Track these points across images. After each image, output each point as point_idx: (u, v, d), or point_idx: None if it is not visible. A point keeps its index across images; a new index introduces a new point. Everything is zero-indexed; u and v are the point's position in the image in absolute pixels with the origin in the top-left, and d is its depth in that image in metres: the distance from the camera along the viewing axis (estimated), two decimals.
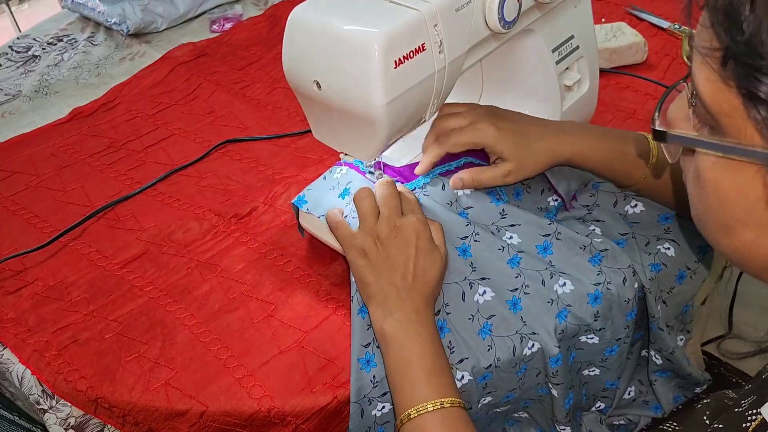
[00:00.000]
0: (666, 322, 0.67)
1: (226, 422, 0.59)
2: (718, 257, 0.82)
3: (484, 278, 0.64)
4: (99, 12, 1.24)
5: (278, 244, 0.74)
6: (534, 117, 0.69)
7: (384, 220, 0.60)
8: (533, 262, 0.64)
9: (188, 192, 0.83)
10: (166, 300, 0.69)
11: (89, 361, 0.63)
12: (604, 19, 1.09)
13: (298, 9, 0.57)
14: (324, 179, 0.71)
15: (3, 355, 0.66)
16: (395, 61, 0.53)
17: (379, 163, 0.68)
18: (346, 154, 0.69)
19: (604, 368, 0.68)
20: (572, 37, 0.75)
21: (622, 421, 0.74)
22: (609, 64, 0.98)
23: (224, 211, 0.79)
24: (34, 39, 1.26)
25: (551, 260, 0.65)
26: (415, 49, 0.54)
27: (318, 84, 0.57)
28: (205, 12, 1.29)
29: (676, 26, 1.06)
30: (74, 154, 0.93)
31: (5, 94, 1.10)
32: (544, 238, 0.66)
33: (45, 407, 0.62)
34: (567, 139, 0.66)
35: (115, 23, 1.21)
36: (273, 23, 1.22)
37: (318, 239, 0.70)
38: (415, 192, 0.68)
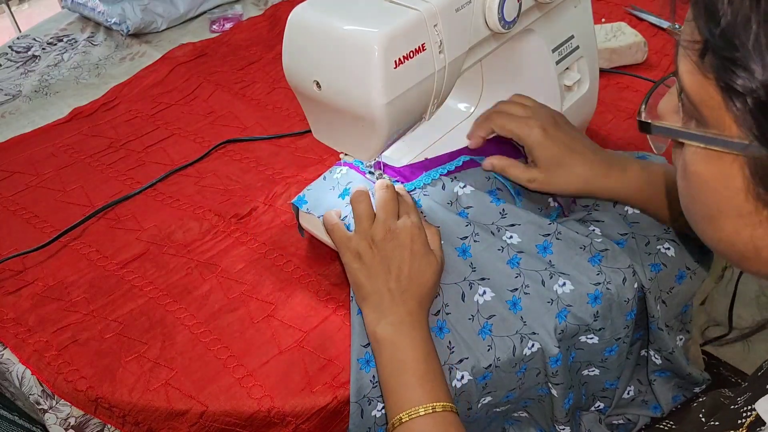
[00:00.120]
0: (666, 322, 0.67)
1: (226, 422, 0.59)
2: (719, 257, 0.82)
3: (483, 278, 0.64)
4: (99, 12, 1.24)
5: (278, 244, 0.74)
6: (592, 143, 0.68)
7: (379, 223, 0.60)
8: (533, 262, 0.64)
9: (188, 192, 0.83)
10: (166, 300, 0.69)
11: (89, 361, 0.63)
12: (604, 19, 1.09)
13: (298, 9, 0.57)
14: (324, 179, 0.71)
15: (3, 355, 0.66)
16: (395, 61, 0.53)
17: (379, 163, 0.68)
18: (346, 154, 0.69)
19: (604, 368, 0.68)
20: (572, 37, 0.75)
21: (621, 421, 0.74)
22: (609, 64, 0.98)
23: (224, 211, 0.79)
24: (34, 39, 1.26)
25: (551, 260, 0.65)
26: (415, 49, 0.54)
27: (318, 84, 0.57)
28: (205, 12, 1.29)
29: (676, 26, 1.05)
30: (74, 154, 0.93)
31: (5, 94, 1.10)
32: (544, 238, 0.66)
33: (45, 407, 0.62)
34: (611, 174, 0.66)
35: (115, 23, 1.21)
36: (273, 23, 1.22)
37: (318, 239, 0.70)
38: (415, 192, 0.68)
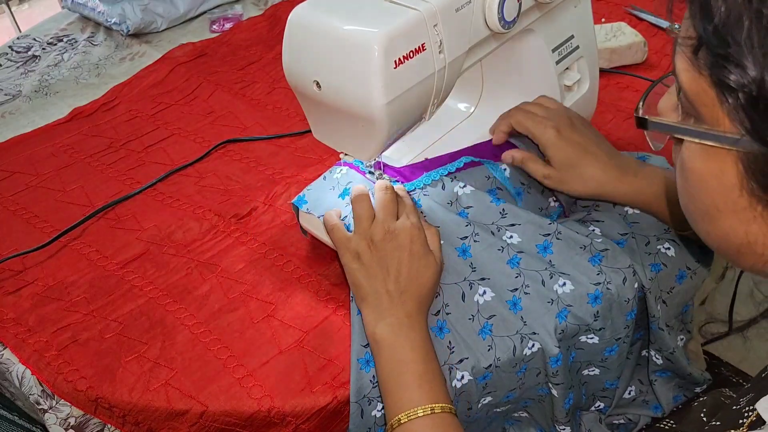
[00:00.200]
0: (666, 321, 0.67)
1: (226, 422, 0.59)
2: (719, 258, 0.82)
3: (483, 278, 0.64)
4: (99, 12, 1.24)
5: (278, 244, 0.74)
6: (610, 148, 0.69)
7: (378, 224, 0.60)
8: (533, 262, 0.64)
9: (188, 192, 0.83)
10: (166, 300, 0.69)
11: (89, 361, 0.63)
12: (604, 19, 1.09)
13: (298, 9, 0.57)
14: (324, 179, 0.71)
15: (3, 355, 0.66)
16: (395, 61, 0.53)
17: (379, 163, 0.68)
18: (346, 154, 0.69)
19: (604, 368, 0.68)
20: (572, 37, 0.75)
21: (622, 420, 0.74)
22: (609, 64, 0.98)
23: (224, 211, 0.79)
24: (34, 39, 1.26)
25: (551, 260, 0.65)
26: (415, 49, 0.54)
27: (318, 84, 0.57)
28: (205, 12, 1.29)
29: (676, 26, 1.05)
30: (74, 154, 0.93)
31: (5, 94, 1.10)
32: (544, 238, 0.66)
33: (45, 407, 0.62)
34: (625, 180, 0.66)
35: (115, 23, 1.21)
36: (273, 23, 1.22)
37: (318, 239, 0.70)
38: (415, 192, 0.68)
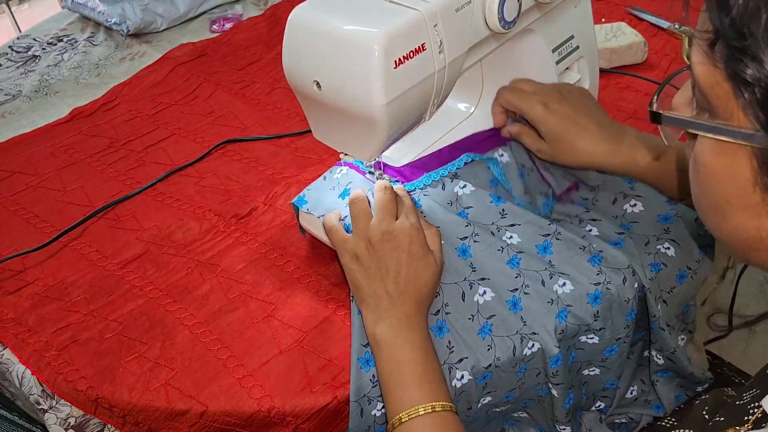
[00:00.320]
0: (667, 321, 0.67)
1: (226, 422, 0.59)
2: (720, 258, 0.82)
3: (483, 278, 0.64)
4: (99, 12, 1.24)
5: (278, 244, 0.74)
6: (603, 119, 0.68)
7: (377, 225, 0.60)
8: (533, 262, 0.64)
9: (188, 192, 0.83)
10: (166, 300, 0.69)
11: (89, 361, 0.63)
12: (604, 19, 1.09)
13: (298, 9, 0.57)
14: (324, 179, 0.71)
15: (3, 355, 0.66)
16: (395, 61, 0.53)
17: (379, 163, 0.68)
18: (346, 154, 0.69)
19: (604, 368, 0.68)
20: (572, 37, 0.75)
21: (624, 420, 0.74)
22: (609, 64, 0.98)
23: (224, 211, 0.79)
24: (34, 39, 1.26)
25: (551, 260, 0.65)
26: (415, 49, 0.54)
27: (318, 84, 0.57)
28: (205, 12, 1.29)
29: (676, 26, 1.05)
30: (74, 154, 0.93)
31: (5, 94, 1.10)
32: (544, 238, 0.66)
33: (45, 407, 0.62)
34: (619, 151, 0.66)
35: (115, 23, 1.21)
36: (273, 23, 1.22)
37: (318, 239, 0.70)
38: (415, 193, 0.68)
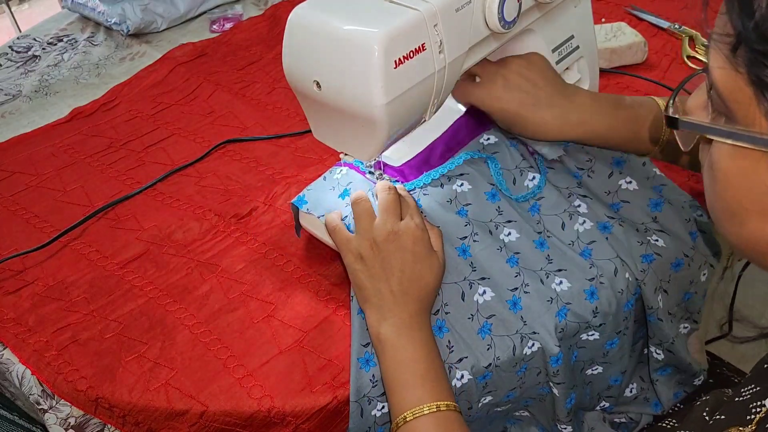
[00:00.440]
0: (668, 309, 0.68)
1: (226, 422, 0.59)
2: (721, 258, 0.81)
3: (484, 278, 0.64)
4: (99, 12, 1.24)
5: (278, 244, 0.74)
6: (542, 92, 0.66)
7: (382, 225, 0.60)
8: (531, 260, 0.65)
9: (188, 192, 0.83)
10: (166, 300, 0.69)
11: (89, 361, 0.63)
12: (604, 19, 1.09)
13: (298, 9, 0.57)
14: (324, 179, 0.71)
15: (3, 355, 0.66)
16: (395, 61, 0.53)
17: (379, 163, 0.68)
18: (346, 154, 0.69)
19: (607, 363, 0.68)
20: (572, 37, 0.75)
21: (623, 419, 0.74)
22: (609, 64, 0.98)
23: (224, 211, 0.79)
24: (34, 39, 1.26)
25: (549, 254, 0.65)
26: (415, 49, 0.54)
27: (318, 84, 0.57)
28: (205, 12, 1.29)
29: (676, 26, 1.05)
30: (74, 154, 0.93)
31: (5, 94, 1.10)
32: (539, 235, 0.66)
33: (45, 407, 0.62)
34: (570, 121, 0.66)
35: (115, 23, 1.21)
36: (273, 23, 1.22)
37: (318, 239, 0.70)
38: (415, 192, 0.68)
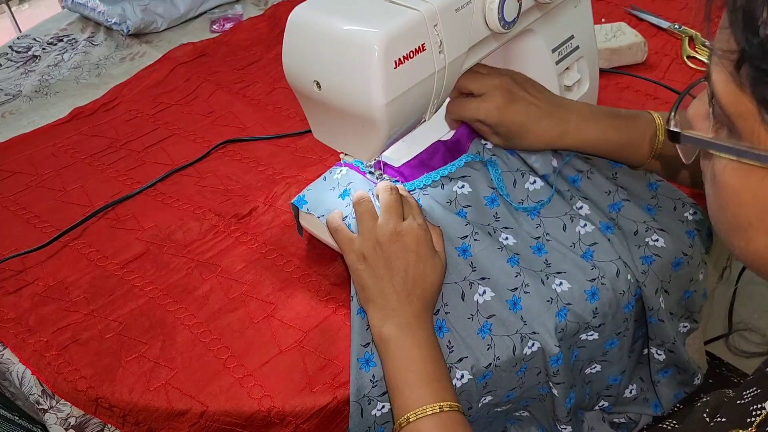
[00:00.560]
0: (669, 310, 0.68)
1: (226, 422, 0.59)
2: (719, 258, 0.82)
3: (484, 278, 0.64)
4: (99, 12, 1.24)
5: (278, 244, 0.74)
6: (541, 102, 0.68)
7: (384, 225, 0.60)
8: (531, 261, 0.65)
9: (188, 192, 0.83)
10: (166, 300, 0.69)
11: (89, 361, 0.63)
12: (604, 19, 1.09)
13: (298, 9, 0.57)
14: (324, 180, 0.71)
15: (3, 355, 0.66)
16: (395, 61, 0.53)
17: (379, 163, 0.69)
18: (346, 154, 0.69)
19: (606, 362, 0.68)
20: (572, 37, 0.75)
21: (623, 420, 0.74)
22: (609, 64, 0.98)
23: (224, 211, 0.79)
24: (35, 39, 1.26)
25: (546, 259, 0.65)
26: (415, 49, 0.54)
27: (318, 84, 0.57)
28: (205, 12, 1.29)
29: (676, 26, 1.05)
30: (74, 154, 0.93)
31: (5, 94, 1.10)
32: (536, 240, 0.66)
33: (45, 407, 0.62)
34: (569, 131, 0.67)
35: (115, 23, 1.21)
36: (273, 23, 1.22)
37: (318, 239, 0.70)
38: (415, 192, 0.68)
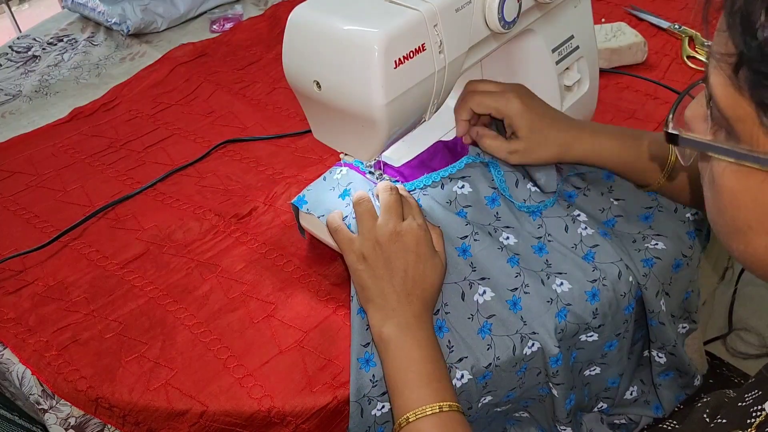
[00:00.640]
0: (671, 312, 0.68)
1: (226, 422, 0.59)
2: (720, 258, 0.82)
3: (484, 278, 0.64)
4: (99, 12, 1.24)
5: (278, 244, 0.74)
6: (563, 114, 0.70)
7: (384, 225, 0.60)
8: (531, 261, 0.65)
9: (188, 192, 0.83)
10: (166, 300, 0.69)
11: (89, 361, 0.63)
12: (604, 19, 1.09)
13: (298, 9, 0.57)
14: (324, 180, 0.71)
15: (3, 355, 0.66)
16: (395, 61, 0.53)
17: (379, 163, 0.68)
18: (346, 154, 0.69)
19: (605, 364, 0.68)
20: (572, 37, 0.75)
21: (623, 421, 0.74)
22: (609, 64, 0.98)
23: (224, 211, 0.79)
24: (35, 39, 1.26)
25: (547, 259, 0.65)
26: (415, 49, 0.54)
27: (318, 84, 0.57)
28: (205, 12, 1.29)
29: (676, 26, 1.05)
30: (74, 154, 0.93)
31: (5, 94, 1.10)
32: (538, 240, 0.66)
33: (45, 407, 0.62)
34: (584, 137, 0.67)
35: (115, 23, 1.21)
36: (273, 23, 1.22)
37: (318, 239, 0.70)
38: (415, 192, 0.68)
